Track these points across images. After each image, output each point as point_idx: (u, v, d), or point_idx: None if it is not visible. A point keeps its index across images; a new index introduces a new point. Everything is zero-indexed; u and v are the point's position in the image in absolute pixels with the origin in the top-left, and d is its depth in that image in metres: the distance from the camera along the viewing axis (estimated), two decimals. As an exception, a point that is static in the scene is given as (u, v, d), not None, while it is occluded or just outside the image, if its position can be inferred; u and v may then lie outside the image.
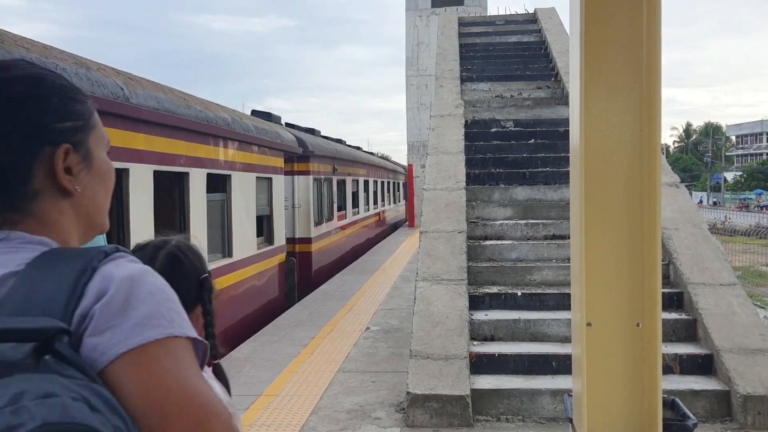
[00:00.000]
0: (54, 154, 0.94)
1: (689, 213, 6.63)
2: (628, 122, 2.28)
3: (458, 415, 4.78)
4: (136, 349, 0.81)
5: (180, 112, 6.74)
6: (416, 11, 25.50)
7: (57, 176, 0.95)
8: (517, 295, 6.05)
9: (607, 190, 2.28)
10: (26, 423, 0.67)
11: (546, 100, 10.45)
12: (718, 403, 4.86)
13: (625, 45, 2.29)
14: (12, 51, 4.33)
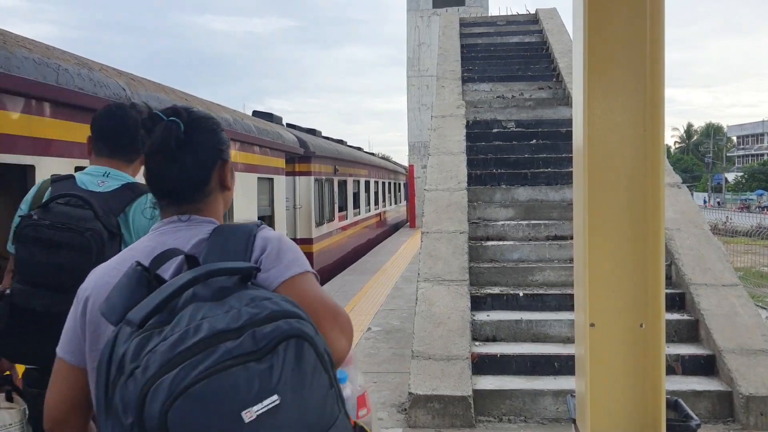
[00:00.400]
0: (223, 166, 1.56)
1: (691, 214, 6.63)
2: (631, 122, 2.27)
3: (460, 416, 4.78)
4: (289, 279, 1.38)
5: (182, 113, 6.75)
6: (417, 12, 25.51)
7: (225, 180, 1.57)
8: (519, 296, 6.05)
9: (610, 191, 2.28)
10: (262, 312, 1.13)
11: (547, 101, 10.44)
12: (720, 403, 4.86)
13: (628, 45, 2.29)
14: (14, 51, 4.33)
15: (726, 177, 77.77)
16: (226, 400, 1.04)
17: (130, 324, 1.15)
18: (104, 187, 2.40)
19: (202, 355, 1.05)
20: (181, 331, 1.09)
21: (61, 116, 4.77)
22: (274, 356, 1.10)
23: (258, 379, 1.06)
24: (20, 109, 4.35)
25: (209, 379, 1.04)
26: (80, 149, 5.01)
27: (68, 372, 1.44)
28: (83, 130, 5.03)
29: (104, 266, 1.51)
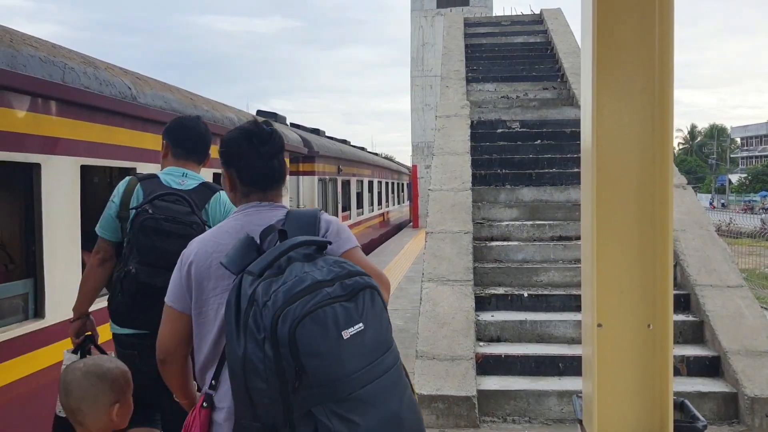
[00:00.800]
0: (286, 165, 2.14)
1: (696, 215, 6.62)
2: (640, 123, 2.27)
3: (464, 416, 4.77)
4: (347, 251, 1.98)
5: (187, 112, 6.75)
6: (421, 12, 25.51)
7: (286, 176, 2.14)
8: (524, 296, 6.04)
9: (619, 191, 2.28)
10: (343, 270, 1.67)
11: (552, 101, 10.43)
12: (725, 405, 4.85)
13: (638, 45, 2.28)
14: (20, 50, 4.33)
15: (730, 178, 77.60)
16: (331, 324, 1.60)
17: (251, 274, 1.69)
18: (185, 186, 2.97)
19: (310, 295, 1.60)
20: (293, 279, 1.63)
21: (68, 115, 4.78)
22: (357, 298, 1.68)
23: (349, 313, 1.64)
24: (26, 108, 4.36)
25: (319, 311, 1.59)
26: (86, 147, 5.02)
27: (175, 316, 1.98)
28: (89, 128, 5.05)
29: (203, 238, 2.03)
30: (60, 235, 4.68)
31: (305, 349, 1.56)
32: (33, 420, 4.46)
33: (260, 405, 1.63)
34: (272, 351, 1.57)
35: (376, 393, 1.67)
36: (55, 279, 4.62)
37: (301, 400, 1.58)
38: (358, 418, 1.61)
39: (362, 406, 1.63)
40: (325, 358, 1.58)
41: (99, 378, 2.05)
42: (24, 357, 4.31)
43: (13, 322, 4.32)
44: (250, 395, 1.63)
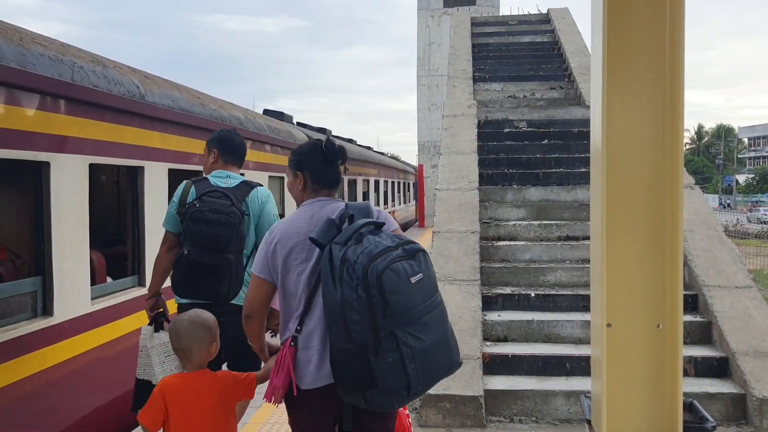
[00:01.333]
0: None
1: (704, 215, 6.59)
2: (650, 122, 2.26)
3: (471, 416, 4.76)
4: (395, 229, 2.62)
5: (194, 111, 6.76)
6: (428, 11, 25.47)
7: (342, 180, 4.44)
8: (531, 296, 6.03)
9: (628, 191, 2.27)
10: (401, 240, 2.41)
11: (559, 101, 10.41)
12: (733, 406, 4.83)
13: (648, 46, 2.28)
14: (30, 48, 4.35)
15: (737, 179, 77.25)
16: (403, 273, 2.29)
17: (338, 244, 2.37)
18: (229, 184, 3.71)
19: (384, 256, 2.30)
20: (370, 246, 2.32)
21: (76, 113, 4.79)
22: (416, 257, 2.37)
23: (412, 267, 2.34)
24: (36, 106, 4.38)
25: (394, 265, 2.28)
26: (95, 146, 5.03)
27: (261, 283, 2.64)
28: (98, 127, 5.06)
29: (283, 224, 2.68)
30: (68, 233, 4.70)
31: (389, 289, 2.25)
32: (42, 416, 4.49)
33: (354, 331, 2.28)
34: (364, 292, 2.25)
35: (433, 320, 2.38)
36: (64, 277, 4.64)
37: (385, 325, 2.26)
38: (423, 336, 2.32)
39: (425, 329, 2.33)
40: (401, 296, 2.28)
41: (201, 325, 2.69)
42: (32, 355, 4.32)
43: (22, 320, 4.34)
44: (346, 325, 2.28)
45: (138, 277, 5.81)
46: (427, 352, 2.33)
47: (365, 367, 2.29)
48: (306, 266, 2.56)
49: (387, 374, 2.28)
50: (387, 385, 2.29)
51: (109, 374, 5.29)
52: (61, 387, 4.67)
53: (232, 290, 3.54)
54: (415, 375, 2.30)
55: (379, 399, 2.33)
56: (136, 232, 5.80)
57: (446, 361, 2.44)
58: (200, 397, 2.62)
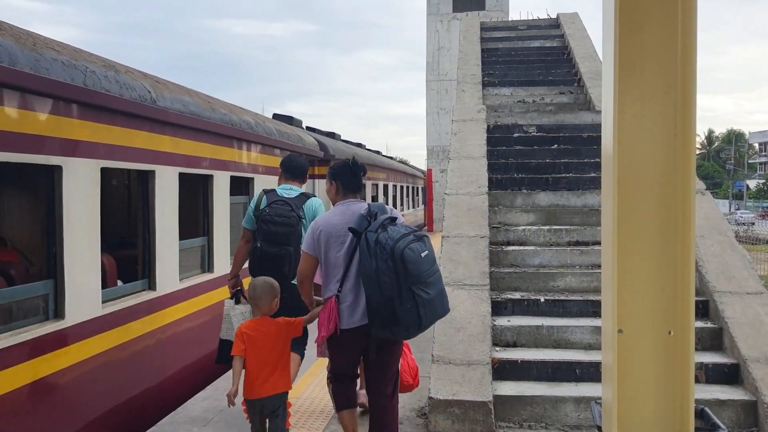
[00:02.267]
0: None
1: (715, 220, 6.55)
2: (662, 127, 2.25)
3: (480, 421, 4.75)
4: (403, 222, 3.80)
5: (205, 115, 6.79)
6: (437, 16, 25.49)
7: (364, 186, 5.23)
8: (540, 302, 6.01)
9: (640, 196, 2.26)
10: (411, 229, 3.64)
11: (569, 106, 10.39)
12: (744, 413, 4.79)
13: (660, 50, 2.27)
14: (43, 53, 4.39)
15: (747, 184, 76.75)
16: (416, 251, 3.49)
17: (371, 231, 3.55)
18: (291, 195, 4.93)
19: (404, 239, 3.50)
20: (393, 233, 3.52)
21: (88, 118, 4.82)
22: (423, 240, 3.59)
23: (421, 246, 3.55)
24: (48, 110, 4.41)
25: (410, 245, 3.48)
26: (106, 150, 5.07)
27: (309, 258, 3.86)
28: (109, 131, 5.10)
29: (324, 219, 3.91)
30: (80, 237, 4.73)
31: (408, 260, 3.45)
32: (53, 419, 4.51)
33: (385, 288, 3.46)
34: (392, 263, 3.45)
35: (435, 281, 3.60)
36: (75, 280, 4.67)
37: (405, 283, 3.45)
38: (430, 291, 3.53)
39: (430, 286, 3.54)
40: (416, 265, 3.47)
41: (270, 285, 3.95)
42: (44, 357, 4.35)
43: (33, 323, 4.36)
44: (379, 285, 3.47)
45: (148, 281, 5.83)
46: (432, 301, 3.54)
47: (392, 311, 3.49)
48: (342, 247, 3.77)
49: (406, 315, 3.49)
50: (406, 321, 3.50)
51: (120, 378, 5.31)
52: (72, 390, 4.69)
53: (291, 273, 4.62)
54: (424, 315, 3.52)
55: (399, 332, 3.58)
56: (146, 235, 5.83)
57: (442, 307, 3.68)
58: (265, 334, 3.87)
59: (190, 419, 5.17)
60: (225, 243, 7.40)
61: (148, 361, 5.74)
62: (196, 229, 7.06)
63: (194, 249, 6.89)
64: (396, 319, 3.48)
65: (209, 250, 7.08)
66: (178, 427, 5.00)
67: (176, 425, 5.05)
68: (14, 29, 4.33)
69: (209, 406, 5.45)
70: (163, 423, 5.12)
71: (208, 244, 7.07)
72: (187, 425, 5.04)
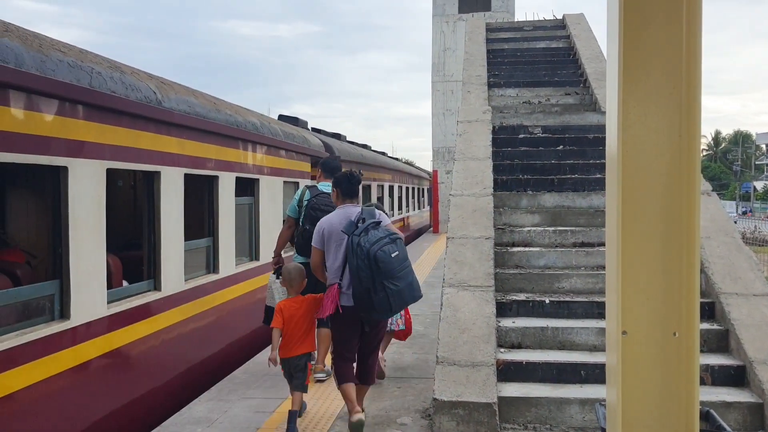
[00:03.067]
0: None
1: (721, 222, 6.53)
2: (666, 128, 2.24)
3: (485, 423, 4.74)
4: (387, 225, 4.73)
5: (210, 116, 6.81)
6: (443, 17, 25.48)
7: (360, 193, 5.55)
8: (545, 303, 6.00)
9: (645, 197, 2.25)
10: (389, 233, 4.52)
11: (574, 107, 10.37)
12: (751, 415, 4.77)
13: (665, 50, 2.26)
14: (49, 55, 4.41)
15: (754, 185, 76.41)
16: (388, 252, 4.37)
17: (356, 235, 4.42)
18: (329, 190, 5.57)
19: (379, 242, 4.38)
20: (372, 237, 4.41)
21: (94, 119, 4.84)
22: (396, 242, 4.47)
23: (393, 248, 4.42)
24: (54, 112, 4.43)
25: (384, 247, 4.37)
26: (112, 151, 5.08)
27: (318, 252, 4.79)
28: (115, 132, 5.11)
29: (326, 219, 4.81)
30: (86, 238, 4.74)
31: (380, 260, 4.31)
32: (57, 420, 4.52)
33: (363, 281, 4.33)
34: (368, 262, 4.29)
35: (405, 275, 4.43)
36: (81, 280, 4.68)
37: (378, 278, 4.30)
38: (398, 283, 4.36)
39: (399, 279, 4.37)
40: (386, 263, 4.31)
41: (300, 270, 4.99)
42: (49, 358, 4.36)
43: (39, 323, 4.38)
44: (360, 278, 4.34)
45: (154, 281, 5.84)
46: (400, 291, 4.43)
47: (369, 299, 4.40)
48: (341, 245, 4.64)
49: (380, 303, 4.39)
50: (380, 307, 4.42)
51: (124, 378, 5.32)
52: (78, 390, 4.70)
53: None
54: (393, 303, 4.43)
55: (377, 315, 4.58)
56: (152, 236, 5.84)
57: (410, 296, 4.54)
58: (297, 309, 4.88)
59: (194, 420, 5.18)
60: (230, 244, 7.40)
61: (152, 362, 5.76)
62: (202, 230, 7.07)
63: (199, 250, 6.90)
64: (372, 305, 4.41)
65: (214, 251, 7.09)
66: (183, 428, 5.01)
67: (181, 426, 5.06)
68: (20, 30, 4.35)
69: (214, 407, 5.46)
70: (168, 424, 5.13)
71: (213, 245, 7.09)
72: (191, 426, 5.05)
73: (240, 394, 5.80)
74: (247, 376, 6.37)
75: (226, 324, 7.37)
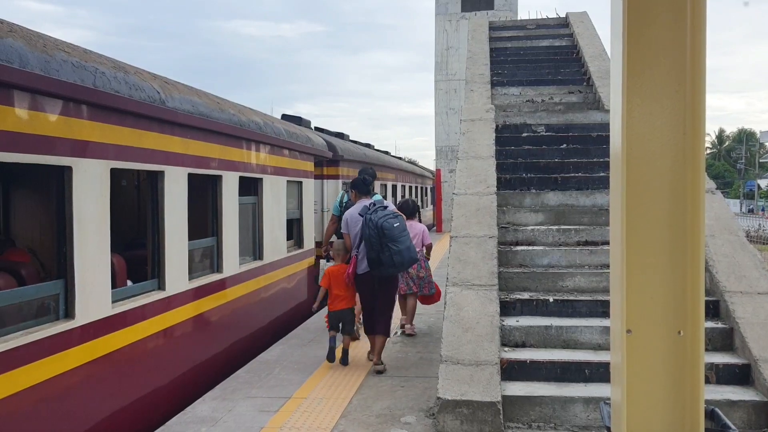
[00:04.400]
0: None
1: (726, 220, 6.51)
2: (671, 126, 2.24)
3: (489, 422, 4.74)
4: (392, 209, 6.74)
5: (214, 116, 6.81)
6: (446, 16, 25.46)
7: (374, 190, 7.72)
8: (549, 302, 5.99)
9: (649, 195, 2.24)
10: (392, 211, 6.45)
11: (578, 105, 10.35)
12: (756, 413, 4.76)
13: (669, 48, 2.25)
14: (53, 55, 4.42)
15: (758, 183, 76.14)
16: (391, 223, 6.17)
17: (368, 214, 6.28)
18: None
19: (383, 217, 6.18)
20: (379, 214, 6.22)
21: (98, 119, 4.85)
22: (396, 218, 6.28)
23: (395, 221, 6.22)
24: (59, 111, 4.44)
25: (386, 220, 6.16)
26: (116, 151, 5.09)
27: (346, 235, 6.68)
28: (119, 132, 5.12)
29: (350, 211, 6.64)
30: (90, 237, 4.75)
31: (385, 227, 6.10)
32: (61, 420, 4.53)
33: (374, 245, 6.12)
34: (377, 230, 6.09)
35: (403, 240, 6.18)
36: (85, 280, 4.69)
37: (384, 241, 6.09)
38: (399, 245, 6.11)
39: (399, 242, 6.12)
40: (390, 230, 6.10)
41: (344, 245, 6.70)
42: (53, 357, 4.37)
43: (44, 323, 4.39)
44: (371, 243, 6.13)
45: (158, 281, 5.85)
46: (400, 251, 6.08)
47: (378, 259, 6.09)
48: (358, 227, 6.37)
49: (386, 260, 6.07)
50: (387, 264, 6.09)
51: (129, 378, 5.33)
52: (82, 390, 4.71)
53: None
54: (397, 260, 6.09)
55: (384, 270, 6.18)
56: (156, 235, 5.85)
57: (408, 255, 6.18)
58: (341, 273, 6.55)
59: (198, 419, 5.19)
60: (234, 243, 7.41)
61: (157, 362, 5.77)
62: (205, 230, 7.08)
63: (203, 249, 6.91)
64: (381, 263, 6.14)
65: (218, 250, 7.10)
66: (187, 427, 5.02)
67: (185, 425, 5.07)
68: (25, 31, 4.36)
69: (218, 406, 5.47)
70: (172, 423, 5.14)
71: (217, 245, 7.09)
72: (195, 425, 5.06)
73: (244, 393, 5.81)
74: (251, 375, 6.38)
75: (231, 323, 7.38)
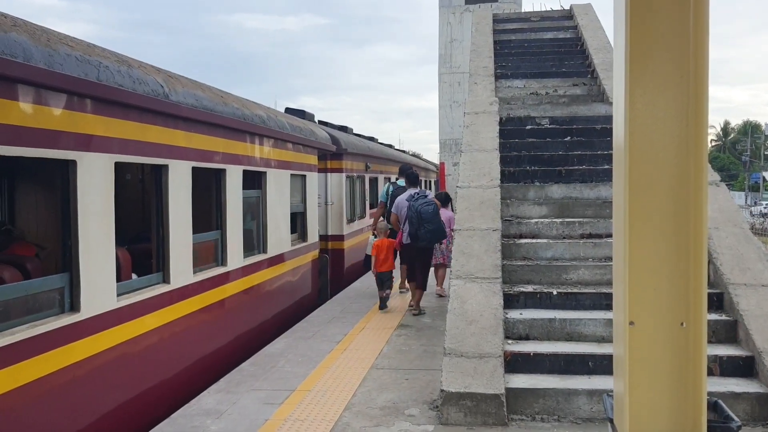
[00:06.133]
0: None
1: (730, 212, 6.50)
2: (674, 117, 2.23)
3: (493, 414, 4.76)
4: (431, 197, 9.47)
5: (217, 110, 6.82)
6: (450, 8, 25.38)
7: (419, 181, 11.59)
8: (553, 294, 6.00)
9: (652, 187, 2.24)
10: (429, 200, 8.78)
11: (582, 97, 10.32)
12: (759, 405, 4.76)
13: (672, 38, 2.25)
14: (57, 49, 4.42)
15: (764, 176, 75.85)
16: (426, 209, 8.48)
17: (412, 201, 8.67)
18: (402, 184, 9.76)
19: (422, 205, 8.51)
20: (419, 202, 8.57)
21: (102, 112, 4.86)
22: (430, 206, 8.58)
23: (430, 208, 8.51)
24: (63, 106, 4.45)
25: (424, 207, 8.47)
26: (120, 145, 5.10)
27: (394, 215, 9.17)
28: (123, 125, 5.13)
29: (401, 197, 9.07)
30: (95, 231, 4.77)
31: (422, 212, 8.41)
32: (67, 413, 4.56)
33: (414, 224, 8.47)
34: (416, 213, 8.44)
35: (435, 221, 8.46)
36: (90, 273, 4.71)
37: (421, 221, 8.42)
38: (431, 225, 8.41)
39: (431, 223, 8.41)
40: (425, 213, 8.41)
41: (386, 225, 9.84)
42: (59, 350, 4.40)
43: (49, 316, 4.41)
44: (412, 222, 8.49)
45: (162, 274, 5.88)
46: (433, 231, 8.38)
47: (416, 234, 8.45)
48: (404, 209, 8.69)
49: (423, 235, 8.42)
50: (423, 238, 8.45)
51: (134, 371, 5.36)
52: (87, 383, 4.74)
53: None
54: (430, 235, 8.43)
55: (420, 242, 8.53)
56: (160, 229, 5.87)
57: (438, 232, 8.45)
58: (384, 246, 9.08)
59: (203, 411, 5.22)
60: (238, 237, 7.43)
61: (161, 354, 5.79)
62: (210, 223, 7.10)
63: (207, 243, 6.93)
64: (419, 237, 8.38)
65: (222, 243, 7.12)
66: (192, 420, 5.05)
67: (190, 418, 5.10)
68: (29, 25, 4.36)
69: (223, 399, 5.50)
70: (177, 415, 5.17)
71: (221, 238, 7.11)
72: (201, 417, 5.09)
73: (248, 386, 5.83)
74: (256, 368, 6.40)
75: (235, 316, 7.40)
